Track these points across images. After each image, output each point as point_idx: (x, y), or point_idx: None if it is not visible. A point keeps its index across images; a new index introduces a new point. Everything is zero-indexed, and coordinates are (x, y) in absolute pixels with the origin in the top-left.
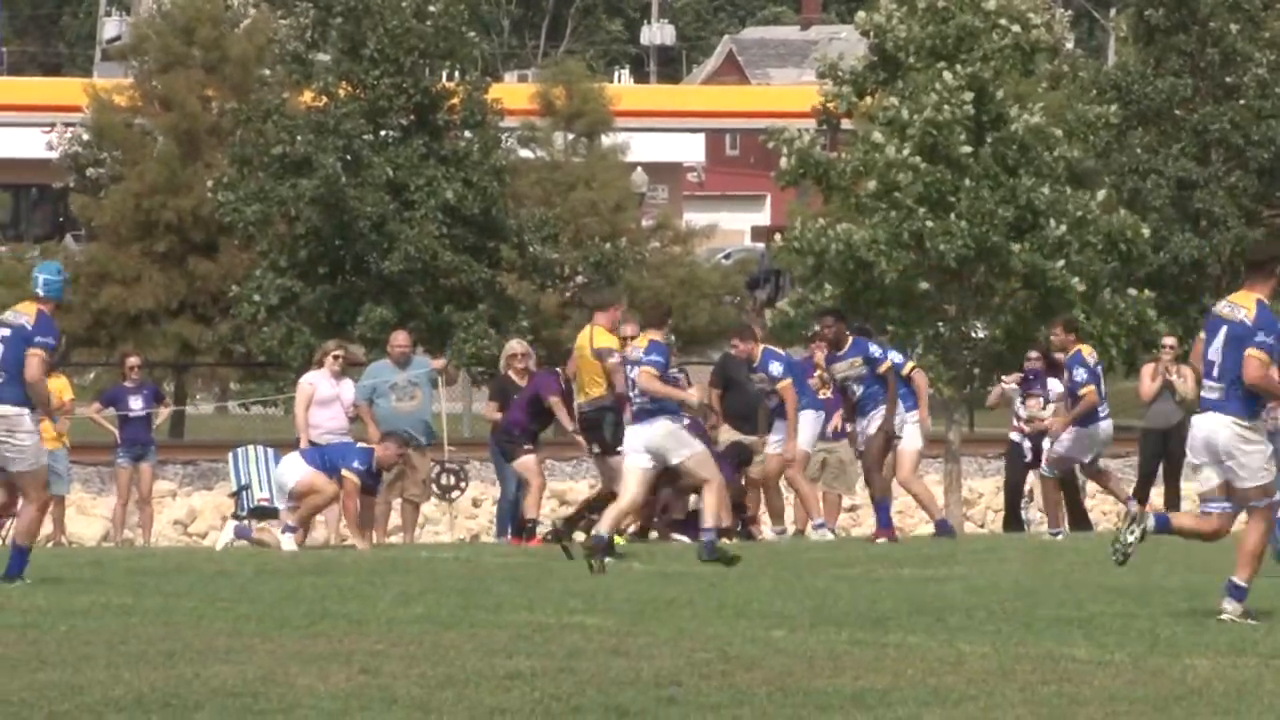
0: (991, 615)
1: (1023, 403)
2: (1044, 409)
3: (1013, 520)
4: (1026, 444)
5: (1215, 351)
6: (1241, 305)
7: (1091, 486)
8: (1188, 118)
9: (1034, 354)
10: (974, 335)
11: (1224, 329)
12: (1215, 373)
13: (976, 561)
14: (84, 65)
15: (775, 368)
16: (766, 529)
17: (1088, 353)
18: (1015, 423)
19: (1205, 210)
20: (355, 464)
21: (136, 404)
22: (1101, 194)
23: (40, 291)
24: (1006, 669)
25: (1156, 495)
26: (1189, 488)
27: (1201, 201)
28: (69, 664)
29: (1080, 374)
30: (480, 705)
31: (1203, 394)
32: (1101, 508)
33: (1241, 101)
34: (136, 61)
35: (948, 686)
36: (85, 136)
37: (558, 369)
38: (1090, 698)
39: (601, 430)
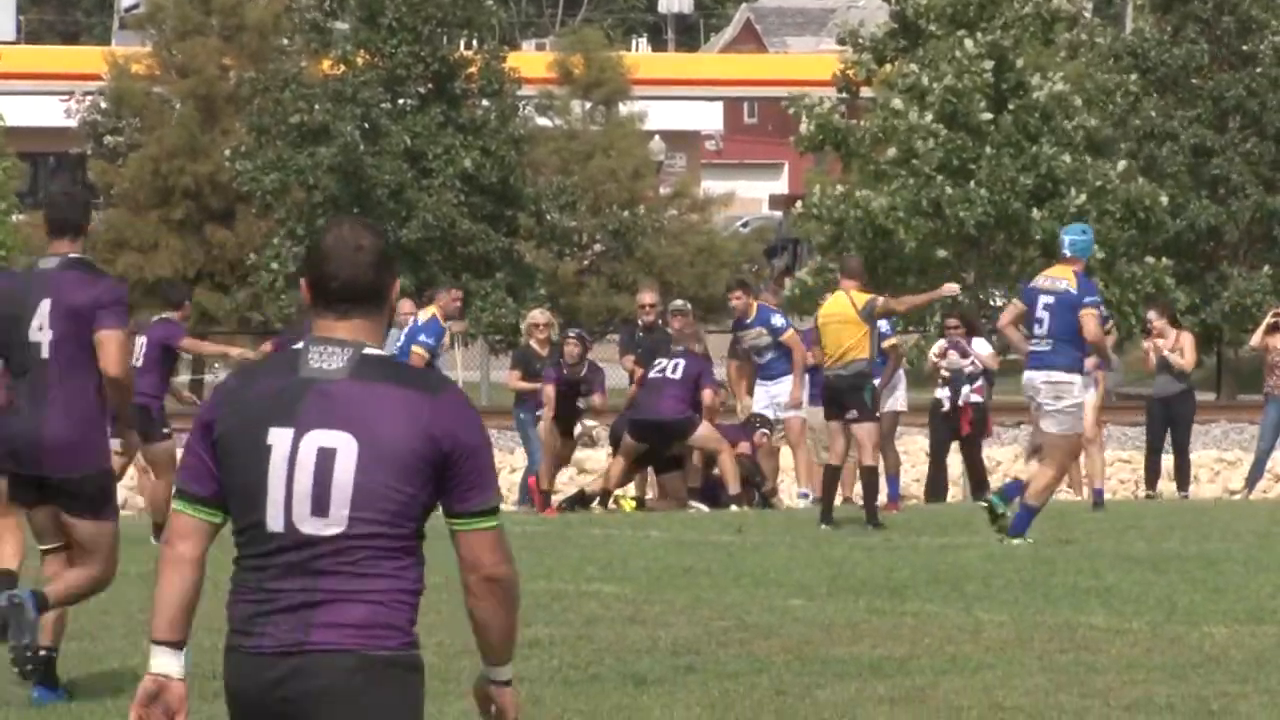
0: (1009, 584)
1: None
2: (965, 360)
3: (938, 488)
4: (946, 394)
5: None
6: None
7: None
8: (1204, 85)
9: (953, 322)
10: (992, 303)
11: None
12: None
13: (994, 530)
14: (101, 34)
15: (777, 319)
16: (785, 496)
17: None
18: (939, 381)
19: (1222, 177)
20: (422, 337)
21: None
22: (1122, 164)
23: (1067, 253)
24: (1024, 637)
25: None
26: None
27: (1218, 168)
28: (87, 633)
29: None
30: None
31: None
32: (1120, 475)
33: (1258, 69)
34: (154, 29)
35: (965, 655)
36: (103, 104)
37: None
38: (1107, 666)
39: (862, 395)
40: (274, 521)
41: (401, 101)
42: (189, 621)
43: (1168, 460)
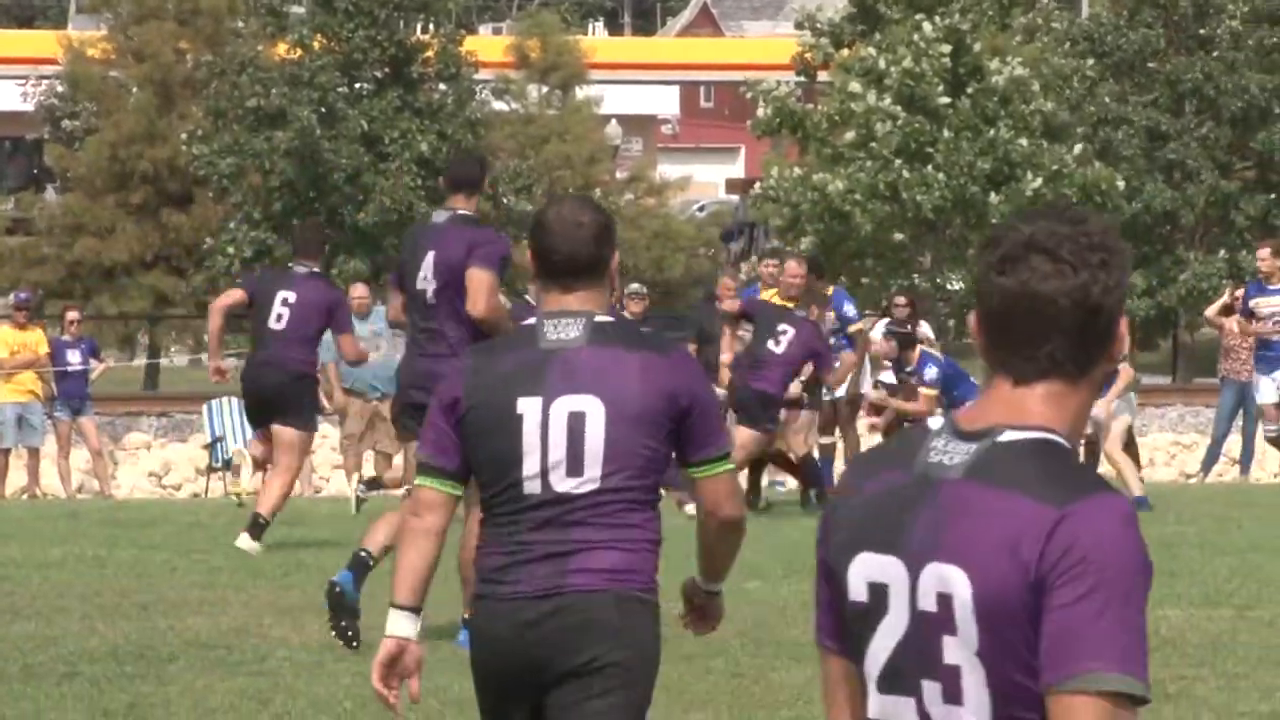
0: None
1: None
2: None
3: None
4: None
5: None
6: None
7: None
8: (1160, 69)
9: (901, 300)
10: (948, 287)
11: None
12: None
13: None
14: (57, 17)
15: (849, 308)
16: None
17: None
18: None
19: (1178, 161)
20: None
21: (74, 358)
22: (1078, 148)
23: None
24: None
25: None
26: None
27: (1174, 152)
28: (43, 615)
29: None
30: (455, 655)
31: None
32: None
33: (1214, 53)
34: (110, 13)
35: None
36: (60, 88)
37: None
38: None
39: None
40: (531, 484)
41: (358, 85)
42: (428, 588)
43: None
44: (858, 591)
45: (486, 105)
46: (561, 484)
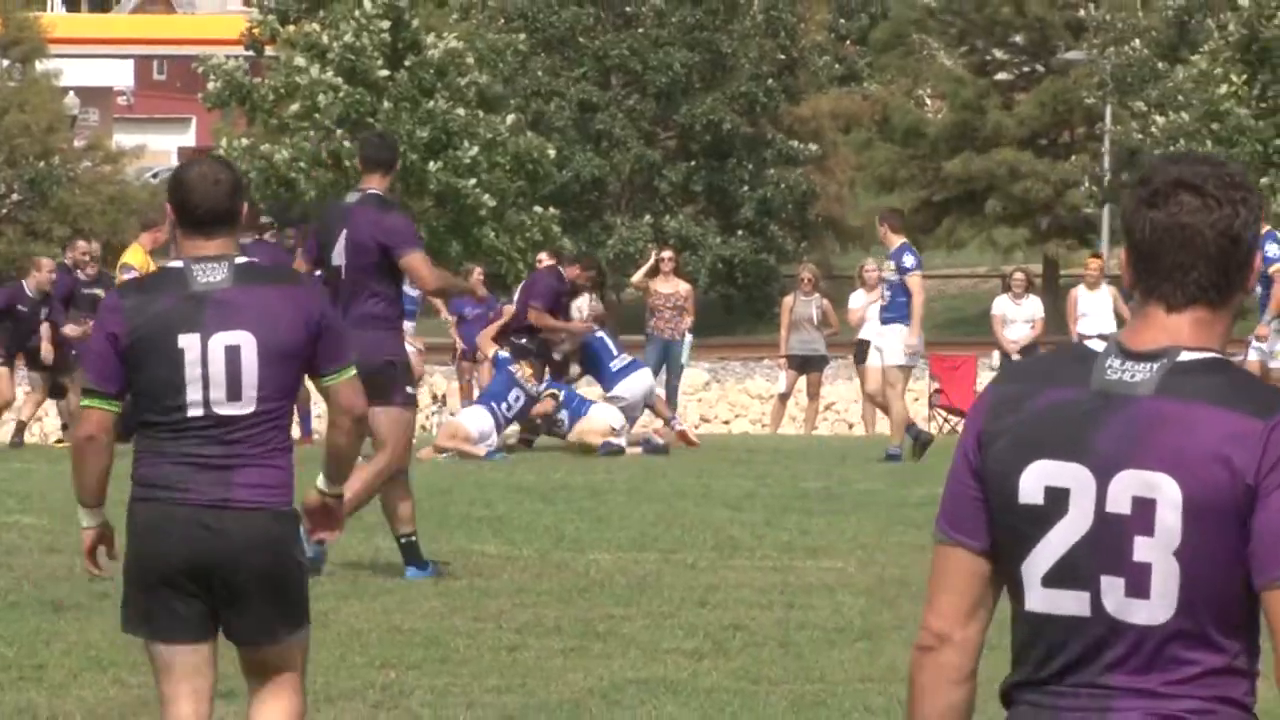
0: None
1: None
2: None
3: None
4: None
5: None
6: None
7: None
8: (590, 45)
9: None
10: None
11: None
12: None
13: None
14: None
15: (909, 259)
16: None
17: None
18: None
19: (606, 131)
20: None
21: None
22: (511, 118)
23: None
24: None
25: None
26: None
27: (602, 123)
28: None
29: None
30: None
31: None
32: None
33: (640, 29)
34: None
35: (365, 581)
36: None
37: None
38: (500, 590)
39: None
40: (194, 409)
41: None
42: (106, 488)
43: None
44: (1031, 494)
45: None
46: (223, 408)
